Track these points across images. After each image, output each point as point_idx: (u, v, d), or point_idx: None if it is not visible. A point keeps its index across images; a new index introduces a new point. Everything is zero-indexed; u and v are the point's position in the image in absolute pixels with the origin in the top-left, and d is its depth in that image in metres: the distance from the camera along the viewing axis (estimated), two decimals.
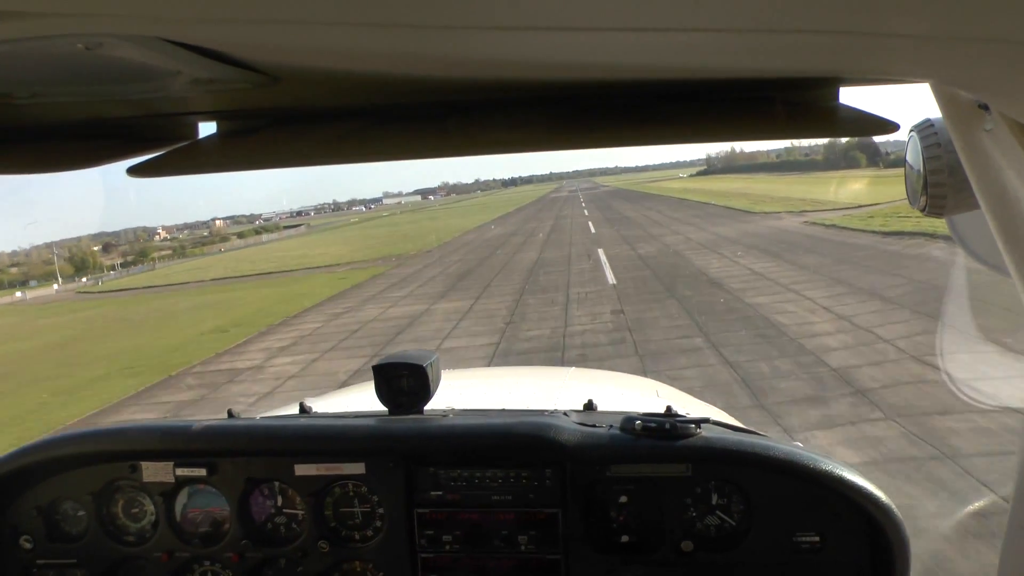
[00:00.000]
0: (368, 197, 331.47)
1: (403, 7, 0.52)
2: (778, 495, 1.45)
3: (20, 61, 0.63)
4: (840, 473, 1.40)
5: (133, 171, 1.04)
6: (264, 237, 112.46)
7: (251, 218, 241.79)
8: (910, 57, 0.67)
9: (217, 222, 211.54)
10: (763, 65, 0.76)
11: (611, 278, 18.09)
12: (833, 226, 25.15)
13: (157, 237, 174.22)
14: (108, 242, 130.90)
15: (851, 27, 0.57)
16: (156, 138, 1.03)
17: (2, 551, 1.64)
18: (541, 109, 0.93)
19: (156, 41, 0.57)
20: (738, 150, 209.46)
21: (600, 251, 25.46)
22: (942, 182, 0.85)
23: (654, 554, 1.50)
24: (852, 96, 0.87)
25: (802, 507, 1.45)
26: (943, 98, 0.76)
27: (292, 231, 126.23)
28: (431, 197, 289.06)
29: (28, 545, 1.63)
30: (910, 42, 0.61)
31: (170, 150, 1.03)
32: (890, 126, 0.87)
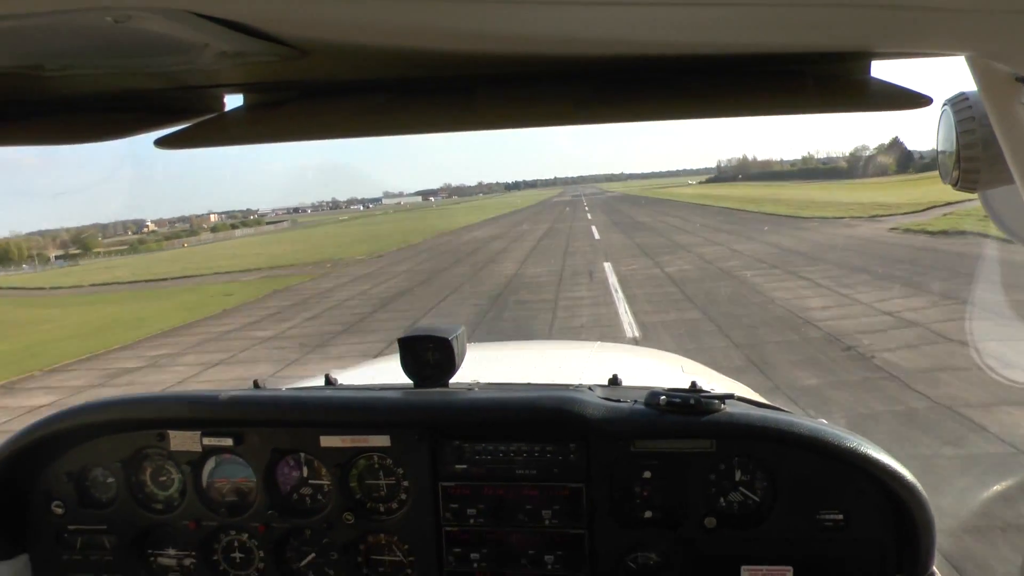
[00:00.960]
0: (369, 197, 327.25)
1: None
2: (802, 472, 1.45)
3: (50, 34, 0.64)
4: (865, 451, 1.39)
5: (161, 143, 1.05)
6: (237, 232, 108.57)
7: (247, 213, 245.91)
8: (947, 30, 0.67)
9: (212, 216, 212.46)
10: (795, 39, 0.76)
11: (629, 322, 9.87)
12: (942, 233, 17.23)
13: (146, 230, 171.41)
14: (77, 234, 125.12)
15: (887, 0, 0.57)
16: (184, 110, 1.04)
17: (36, 516, 1.70)
18: (568, 83, 0.92)
19: (184, 14, 0.58)
20: (750, 158, 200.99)
21: (607, 266, 17.34)
22: (976, 156, 0.84)
23: (678, 530, 1.51)
24: (884, 70, 0.85)
25: (826, 485, 1.45)
26: (979, 71, 0.75)
27: (272, 227, 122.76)
28: (431, 199, 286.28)
29: (60, 510, 1.69)
30: (947, 15, 0.60)
31: (197, 122, 1.04)
32: (923, 99, 0.86)
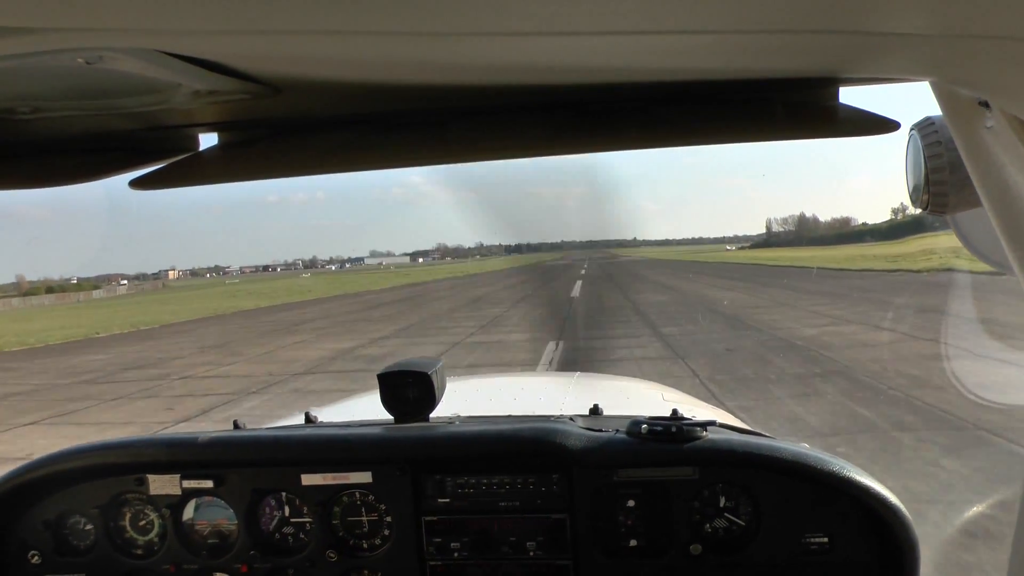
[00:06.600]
0: (354, 256, 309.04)
1: (402, 15, 0.53)
2: (786, 496, 1.47)
3: (21, 76, 0.64)
4: (848, 474, 1.41)
5: (135, 184, 1.05)
6: (35, 300, 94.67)
7: (214, 269, 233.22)
8: (910, 55, 0.68)
9: (171, 273, 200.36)
10: (763, 66, 0.77)
11: None
12: None
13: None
14: None
15: (851, 26, 0.58)
16: (158, 151, 1.04)
17: (11, 566, 1.67)
18: (542, 114, 0.94)
19: (155, 54, 0.58)
20: (809, 215, 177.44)
21: None
22: (943, 180, 0.85)
23: (663, 557, 1.52)
24: (852, 96, 0.84)
25: (810, 508, 1.47)
26: (944, 96, 0.76)
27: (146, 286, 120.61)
28: (420, 259, 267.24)
29: (36, 560, 1.66)
30: (910, 40, 0.62)
31: (172, 162, 1.04)
32: (891, 125, 0.88)
